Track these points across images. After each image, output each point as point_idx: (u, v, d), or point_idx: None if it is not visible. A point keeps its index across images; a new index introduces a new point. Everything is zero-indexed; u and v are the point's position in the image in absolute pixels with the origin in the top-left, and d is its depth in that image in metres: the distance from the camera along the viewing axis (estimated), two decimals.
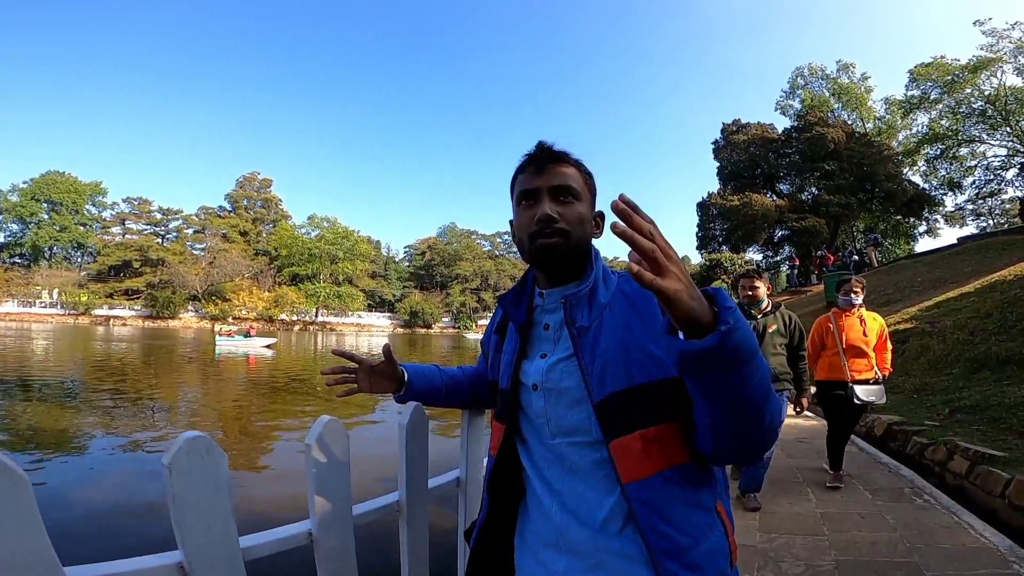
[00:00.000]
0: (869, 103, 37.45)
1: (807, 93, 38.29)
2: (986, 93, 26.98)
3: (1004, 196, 29.77)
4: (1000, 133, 27.92)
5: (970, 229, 30.56)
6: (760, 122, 37.30)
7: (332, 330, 63.43)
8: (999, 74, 26.41)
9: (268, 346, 27.53)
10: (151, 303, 59.01)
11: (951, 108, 28.59)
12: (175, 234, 70.16)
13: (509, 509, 0.96)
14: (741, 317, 0.63)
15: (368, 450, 6.25)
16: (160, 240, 68.55)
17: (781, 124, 37.12)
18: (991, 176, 29.57)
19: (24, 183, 62.37)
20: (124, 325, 54.34)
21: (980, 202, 30.87)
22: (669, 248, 0.62)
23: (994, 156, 29.05)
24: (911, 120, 32.41)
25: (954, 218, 32.96)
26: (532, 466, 0.91)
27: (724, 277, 31.46)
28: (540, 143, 0.94)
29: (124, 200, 69.24)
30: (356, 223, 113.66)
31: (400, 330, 70.24)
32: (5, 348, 22.28)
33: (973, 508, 3.44)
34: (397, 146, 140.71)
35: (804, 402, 3.74)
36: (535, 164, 0.92)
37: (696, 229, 36.77)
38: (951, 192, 31.64)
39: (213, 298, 60.98)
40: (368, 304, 74.86)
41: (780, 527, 3.18)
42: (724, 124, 38.00)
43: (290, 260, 68.82)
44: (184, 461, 0.78)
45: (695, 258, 40.57)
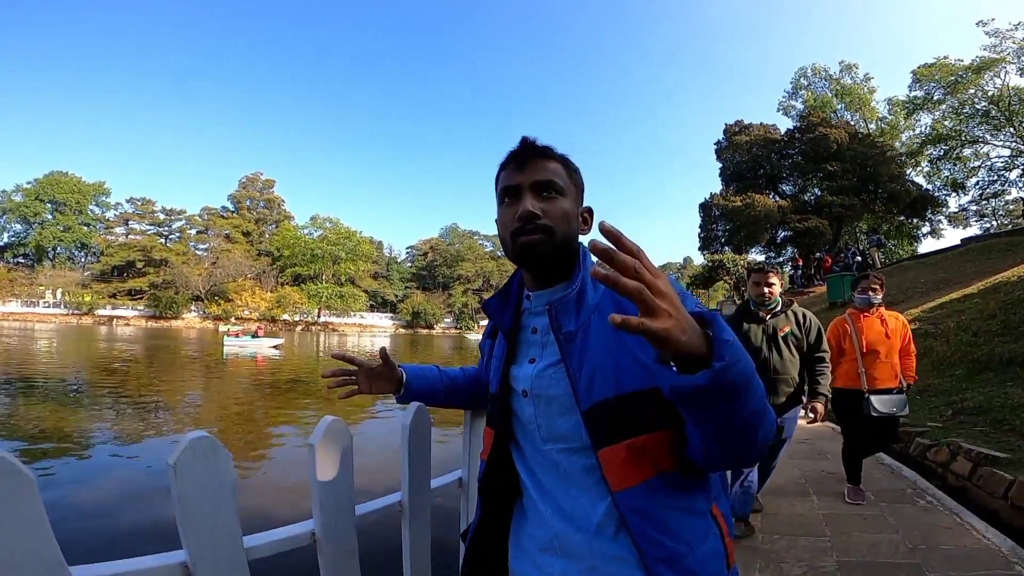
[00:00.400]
0: (872, 104, 37.30)
1: (810, 94, 38.18)
2: (989, 94, 26.85)
3: (1008, 197, 29.64)
4: (1004, 134, 27.78)
5: (973, 230, 30.43)
6: (763, 123, 37.20)
7: (334, 330, 63.45)
8: (1002, 75, 26.28)
9: (275, 347, 27.53)
10: (154, 303, 59.13)
11: (954, 109, 28.47)
12: (178, 234, 70.38)
13: (502, 513, 0.95)
14: (738, 349, 0.59)
15: (371, 450, 6.26)
16: (163, 240, 68.70)
17: (784, 125, 37.03)
18: (995, 177, 29.45)
19: (28, 183, 62.78)
20: (127, 325, 54.46)
21: (983, 203, 30.72)
22: (657, 280, 0.56)
23: (997, 157, 28.95)
24: (914, 121, 32.28)
25: (957, 219, 32.78)
26: (527, 471, 0.90)
27: (727, 278, 31.40)
28: (523, 138, 0.90)
29: (128, 200, 69.54)
30: (358, 224, 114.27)
31: (402, 331, 70.25)
32: (9, 348, 22.37)
33: (975, 509, 3.43)
34: (399, 147, 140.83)
35: (819, 408, 3.11)
36: (517, 160, 0.89)
37: (698, 230, 36.74)
38: (954, 193, 31.52)
39: (216, 298, 61.09)
40: (370, 304, 74.95)
41: (782, 528, 3.18)
42: (726, 125, 37.93)
43: (292, 261, 68.93)
44: (189, 461, 0.79)
45: (697, 259, 40.52)
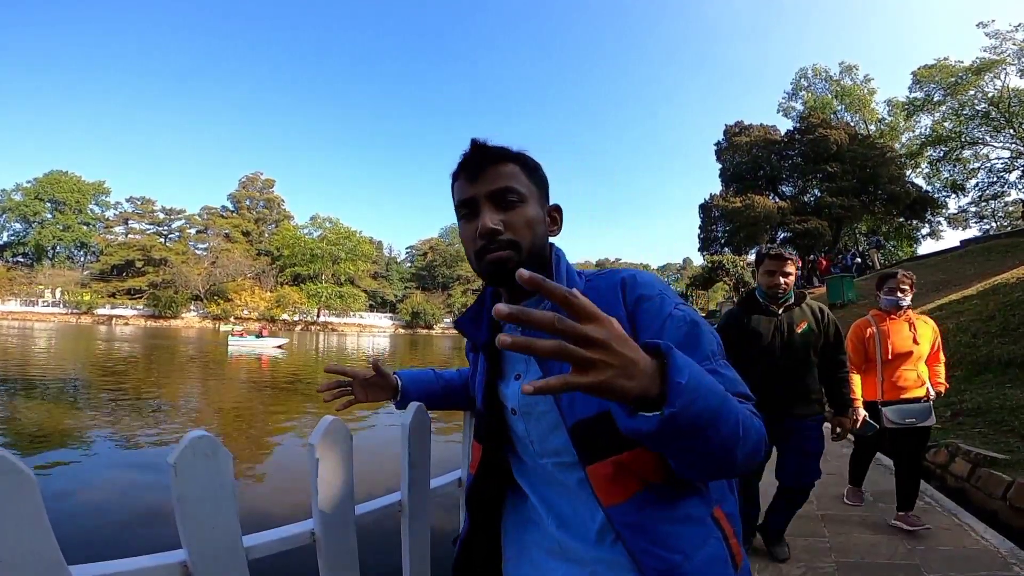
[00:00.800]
0: (872, 105, 37.36)
1: (809, 95, 38.23)
2: (989, 95, 26.89)
3: (1007, 198, 29.67)
4: (1003, 135, 27.82)
5: (973, 232, 30.49)
6: (762, 124, 37.25)
7: (333, 330, 63.38)
8: (1003, 76, 26.33)
9: (280, 347, 27.52)
10: (153, 303, 59.07)
11: (954, 110, 28.52)
12: (178, 234, 70.30)
13: (491, 523, 0.95)
14: (695, 389, 0.51)
15: (371, 450, 6.26)
16: (163, 240, 68.65)
17: (783, 126, 37.12)
18: (994, 178, 29.49)
19: (28, 182, 62.72)
20: (126, 324, 54.41)
21: (983, 204, 30.74)
22: (586, 326, 0.46)
23: (997, 158, 29.00)
24: (914, 122, 32.34)
25: (957, 220, 32.83)
26: (527, 483, 0.89)
27: (726, 279, 31.42)
28: (473, 142, 0.81)
29: (127, 200, 69.49)
30: (358, 224, 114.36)
31: (401, 331, 70.19)
32: (8, 347, 22.35)
33: (974, 510, 3.44)
34: (399, 147, 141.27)
35: (847, 424, 2.75)
36: (468, 169, 0.81)
37: (698, 231, 36.82)
38: (954, 194, 31.57)
39: (215, 298, 61.01)
40: (370, 304, 74.89)
41: None
42: (726, 126, 37.98)
43: (292, 260, 68.85)
44: (189, 460, 0.79)
45: (697, 260, 40.54)
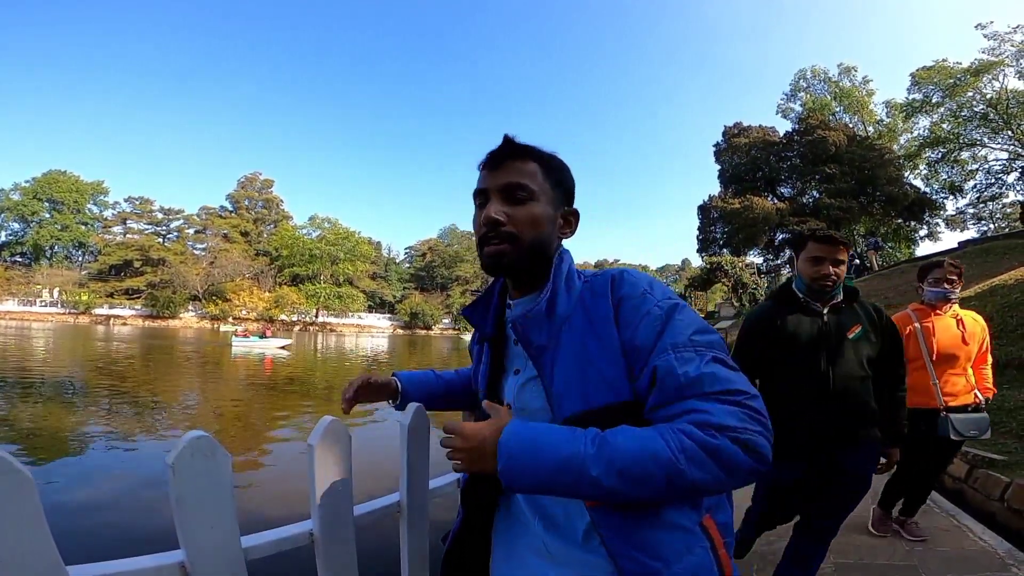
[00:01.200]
0: (870, 106, 37.51)
1: (808, 96, 38.36)
2: (988, 96, 27.02)
3: (1005, 200, 29.86)
4: (1001, 137, 27.95)
5: (971, 233, 30.61)
6: (761, 125, 37.41)
7: (332, 331, 63.37)
8: (1001, 77, 26.48)
9: (284, 347, 27.53)
10: (151, 303, 59.03)
11: (952, 112, 28.65)
12: (176, 234, 70.22)
13: (484, 521, 0.95)
14: (521, 468, 0.67)
15: (370, 451, 6.25)
16: (161, 240, 68.58)
17: (782, 127, 37.31)
18: (992, 180, 29.66)
19: (26, 182, 62.59)
20: (124, 324, 54.36)
21: (981, 206, 30.88)
22: (454, 439, 0.72)
23: (995, 160, 29.17)
24: (912, 124, 32.48)
25: (955, 222, 32.97)
26: None
27: (724, 280, 31.46)
28: (504, 136, 0.85)
29: (126, 200, 69.50)
30: (357, 224, 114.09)
31: (400, 331, 70.21)
32: (6, 347, 22.29)
33: (972, 511, 3.44)
34: (399, 147, 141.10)
35: (895, 457, 2.12)
36: (491, 161, 0.84)
37: (697, 232, 36.96)
38: (952, 196, 31.74)
39: (214, 298, 60.98)
40: (368, 305, 74.86)
41: (779, 530, 3.17)
42: (725, 127, 38.16)
43: (291, 261, 68.81)
44: (188, 461, 0.79)
45: (696, 261, 40.59)
